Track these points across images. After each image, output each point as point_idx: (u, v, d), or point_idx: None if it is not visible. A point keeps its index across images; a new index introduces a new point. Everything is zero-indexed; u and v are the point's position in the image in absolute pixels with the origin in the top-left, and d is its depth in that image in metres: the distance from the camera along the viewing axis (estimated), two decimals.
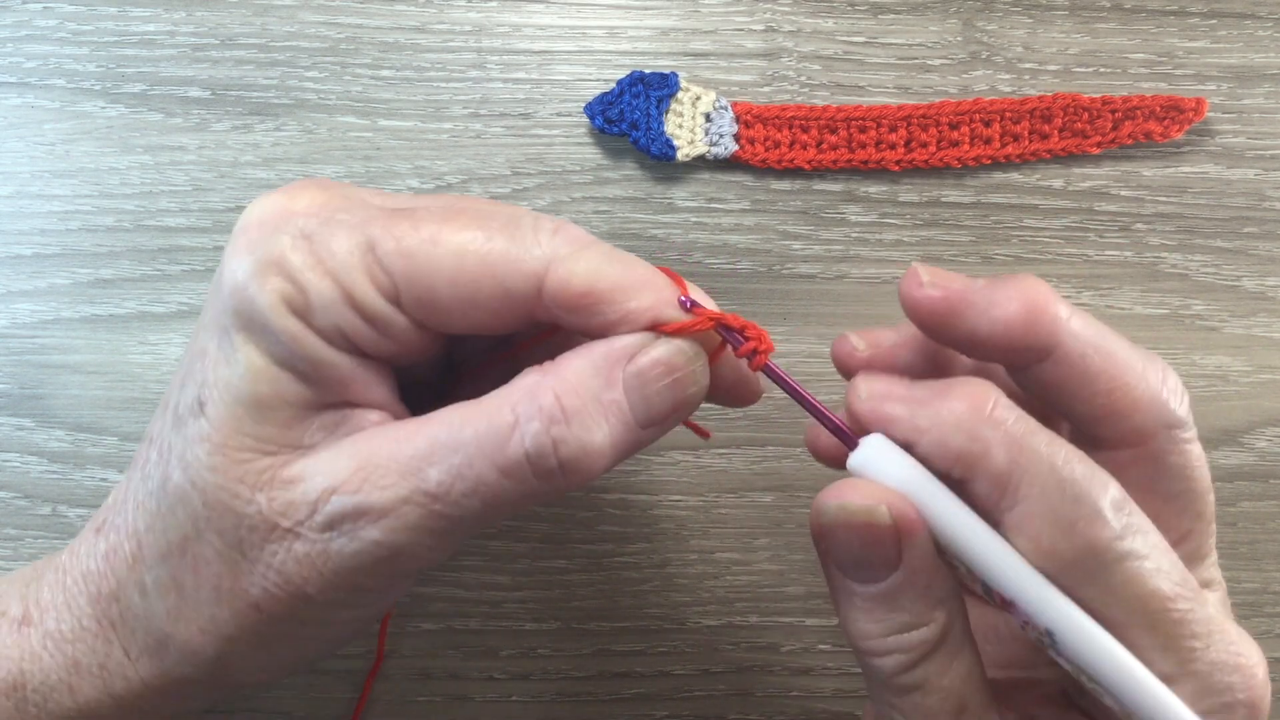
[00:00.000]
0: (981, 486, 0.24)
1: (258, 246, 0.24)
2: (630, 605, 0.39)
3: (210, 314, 0.25)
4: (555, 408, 0.24)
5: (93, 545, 0.27)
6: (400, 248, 0.24)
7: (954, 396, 0.24)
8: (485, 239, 0.24)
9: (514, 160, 0.40)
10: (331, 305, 0.24)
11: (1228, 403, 0.40)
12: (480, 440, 0.24)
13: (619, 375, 0.24)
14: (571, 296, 0.24)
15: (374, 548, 0.24)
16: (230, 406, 0.24)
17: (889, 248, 0.40)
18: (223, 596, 0.25)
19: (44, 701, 0.27)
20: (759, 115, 0.39)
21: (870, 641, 0.25)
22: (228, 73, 0.39)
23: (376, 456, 0.24)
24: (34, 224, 0.39)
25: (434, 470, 0.24)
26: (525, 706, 0.38)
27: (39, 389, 0.39)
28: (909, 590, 0.24)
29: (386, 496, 0.24)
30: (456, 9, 0.40)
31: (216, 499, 0.24)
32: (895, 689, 0.25)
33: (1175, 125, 0.40)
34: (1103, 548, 0.23)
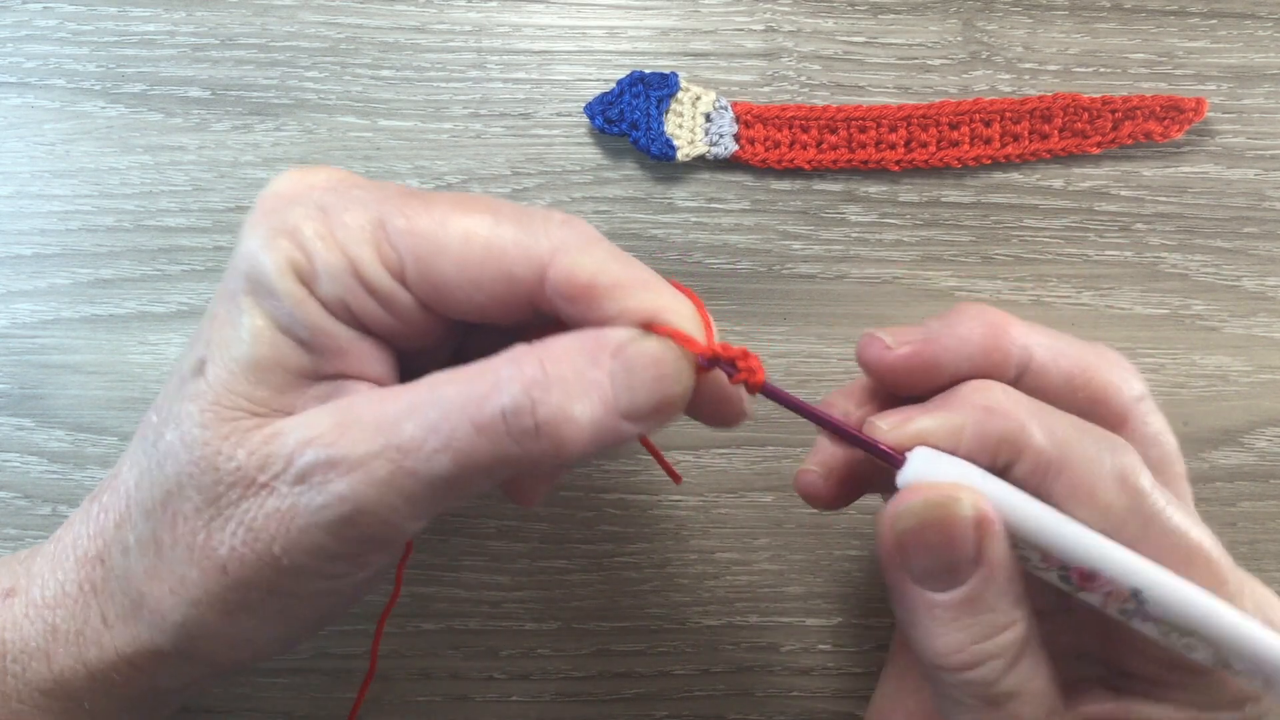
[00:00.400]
0: (1025, 466, 0.25)
1: (273, 215, 0.25)
2: (630, 605, 0.39)
3: (224, 282, 0.26)
4: (539, 372, 0.24)
5: (86, 511, 0.27)
6: (410, 226, 0.24)
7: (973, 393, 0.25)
8: (494, 224, 0.24)
9: (514, 160, 0.40)
10: (337, 275, 0.24)
11: (1228, 403, 0.40)
12: (459, 397, 0.24)
13: (606, 359, 0.24)
14: (574, 287, 0.24)
15: (338, 502, 0.24)
16: (228, 365, 0.25)
17: (889, 248, 0.40)
18: (195, 556, 0.25)
19: (23, 671, 0.27)
20: (759, 115, 0.39)
21: (959, 655, 0.24)
22: (228, 73, 0.39)
23: (356, 412, 0.24)
24: (34, 224, 0.39)
25: (409, 425, 0.23)
26: (525, 706, 0.38)
27: (39, 389, 0.39)
28: (992, 587, 0.24)
29: (359, 450, 0.23)
30: (456, 9, 0.40)
31: (201, 454, 0.24)
32: (991, 700, 0.25)
33: (1175, 125, 0.40)
34: (1147, 493, 0.24)
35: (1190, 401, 0.40)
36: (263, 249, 0.24)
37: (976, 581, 0.24)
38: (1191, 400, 0.40)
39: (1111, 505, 0.24)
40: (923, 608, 0.25)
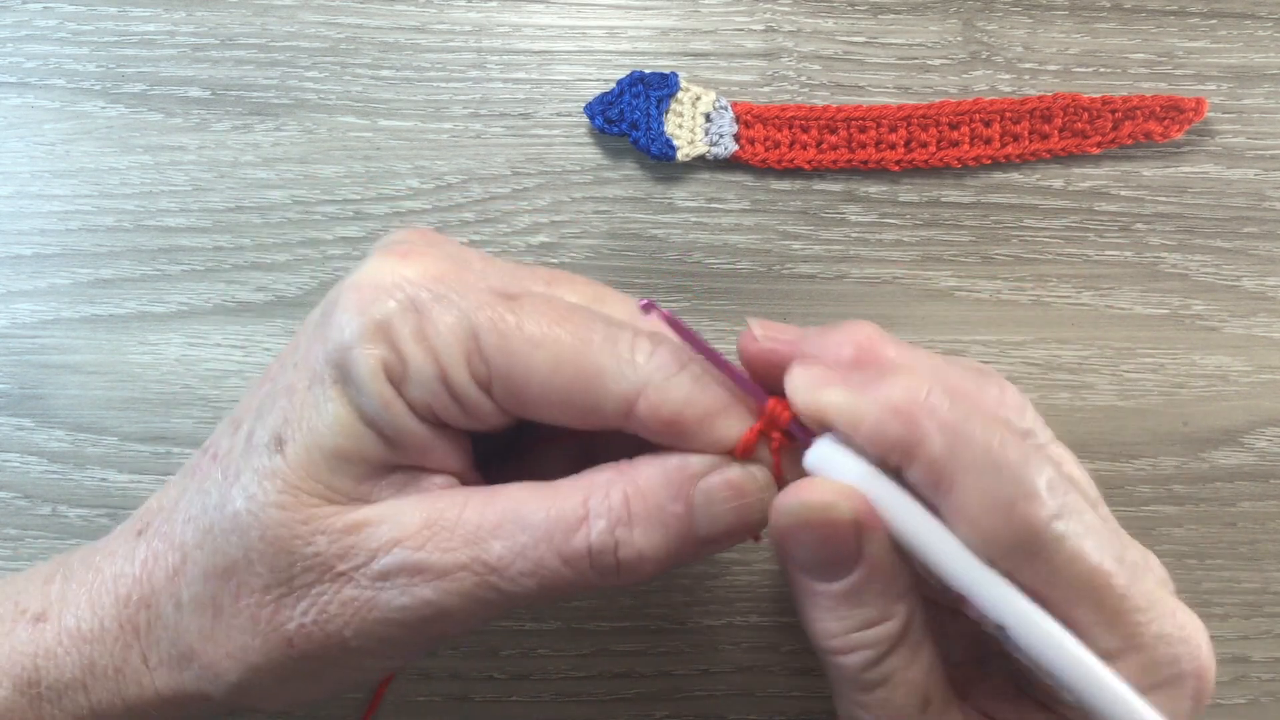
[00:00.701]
0: (918, 473, 0.24)
1: (369, 307, 0.25)
2: (630, 605, 0.39)
3: (305, 353, 0.26)
4: (624, 509, 0.25)
5: (131, 549, 0.27)
6: (502, 343, 0.24)
7: (889, 384, 0.25)
8: (583, 351, 0.25)
9: (514, 160, 0.40)
10: (427, 381, 0.24)
11: (1228, 403, 0.40)
12: (549, 525, 0.25)
13: (688, 490, 0.25)
14: (660, 423, 0.25)
15: (423, 606, 0.25)
16: (310, 451, 0.25)
17: (889, 248, 0.40)
18: (259, 627, 0.25)
19: (58, 698, 0.27)
20: (759, 115, 0.39)
21: (835, 640, 0.25)
22: (228, 73, 0.39)
23: (445, 518, 0.25)
24: (34, 224, 0.39)
25: (498, 544, 0.25)
26: (525, 706, 0.38)
27: (39, 389, 0.39)
28: (871, 585, 0.25)
29: (447, 559, 0.25)
30: (456, 9, 0.40)
31: (276, 535, 0.25)
32: (861, 685, 0.26)
33: (1175, 125, 0.40)
34: (1041, 527, 0.23)
35: (1190, 401, 0.40)
36: (356, 344, 0.24)
37: (855, 578, 0.25)
38: (1191, 400, 0.40)
39: (994, 535, 0.24)
40: (805, 592, 0.26)
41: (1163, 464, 0.40)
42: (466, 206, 0.39)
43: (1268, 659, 0.39)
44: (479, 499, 0.25)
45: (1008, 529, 0.23)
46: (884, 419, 0.24)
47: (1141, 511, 0.39)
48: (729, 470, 0.26)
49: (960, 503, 0.24)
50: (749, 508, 0.26)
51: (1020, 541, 0.23)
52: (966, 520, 0.24)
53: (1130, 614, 0.24)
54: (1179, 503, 0.39)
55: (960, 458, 0.24)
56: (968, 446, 0.24)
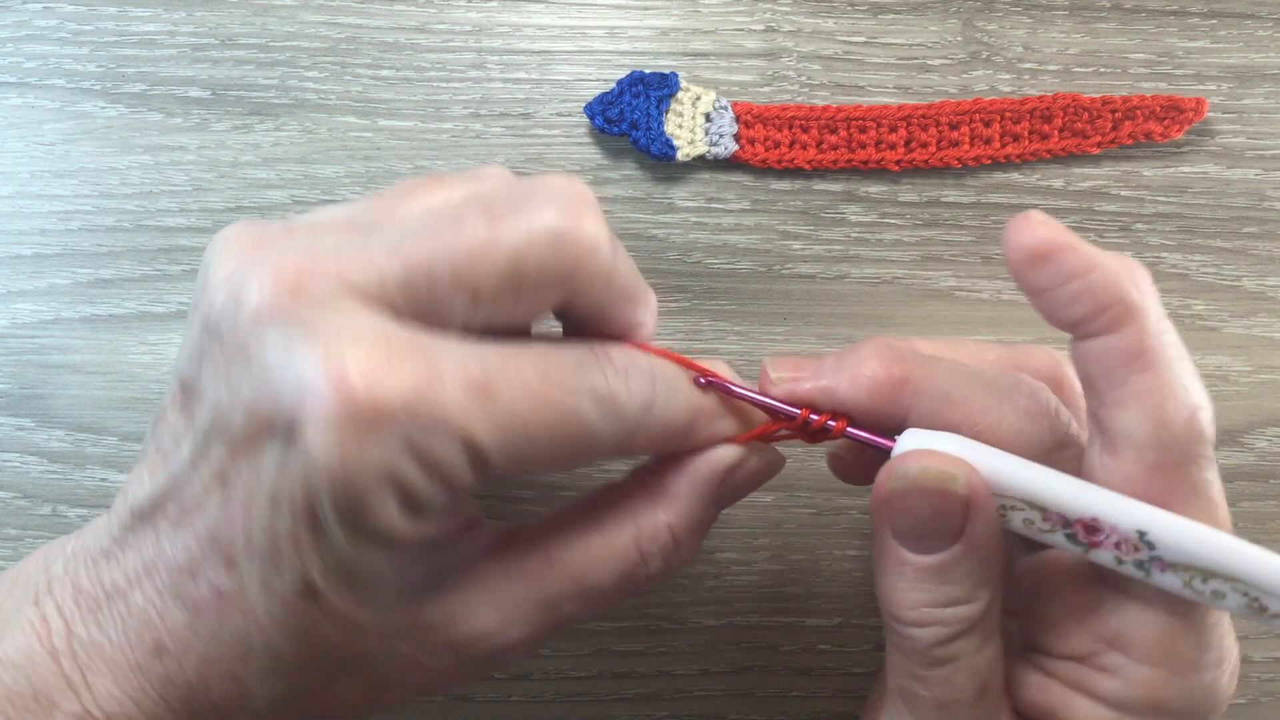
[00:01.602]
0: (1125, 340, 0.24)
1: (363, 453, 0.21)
2: (630, 605, 0.39)
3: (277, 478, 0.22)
4: (670, 540, 0.27)
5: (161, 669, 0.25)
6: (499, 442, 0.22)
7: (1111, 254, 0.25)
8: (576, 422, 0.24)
9: (514, 160, 0.40)
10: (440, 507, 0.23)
11: (1228, 403, 0.40)
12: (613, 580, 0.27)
13: (718, 493, 0.28)
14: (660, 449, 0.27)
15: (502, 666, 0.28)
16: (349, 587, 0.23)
17: (889, 248, 0.40)
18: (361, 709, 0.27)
19: None
20: (759, 115, 0.39)
21: (913, 611, 0.26)
22: (228, 73, 0.39)
23: (514, 598, 0.26)
24: (34, 224, 0.39)
25: (570, 606, 0.27)
26: (525, 706, 0.38)
27: (39, 389, 0.39)
28: (964, 564, 0.25)
29: (526, 631, 0.26)
30: (456, 9, 0.40)
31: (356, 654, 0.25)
32: (927, 661, 0.26)
33: (1175, 125, 0.40)
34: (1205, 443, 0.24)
35: None
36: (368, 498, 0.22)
37: (951, 555, 0.25)
38: None
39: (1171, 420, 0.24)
40: (893, 560, 0.26)
41: None
42: None
43: (1268, 659, 0.39)
44: (538, 567, 0.26)
45: (1187, 428, 0.24)
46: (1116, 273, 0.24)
47: None
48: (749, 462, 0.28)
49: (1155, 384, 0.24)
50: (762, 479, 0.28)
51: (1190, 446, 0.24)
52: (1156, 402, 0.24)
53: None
54: None
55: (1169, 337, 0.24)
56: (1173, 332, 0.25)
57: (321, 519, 0.22)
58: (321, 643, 0.24)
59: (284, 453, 0.22)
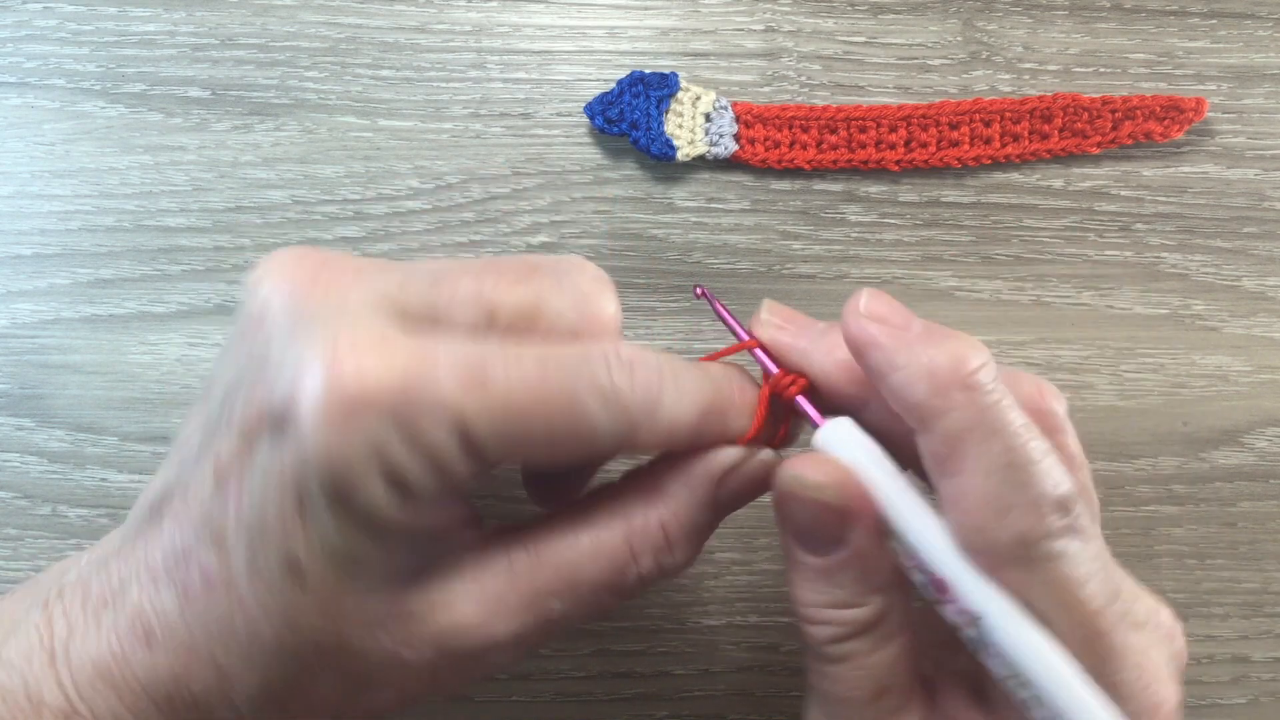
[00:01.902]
0: (930, 443, 0.24)
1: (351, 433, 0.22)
2: (630, 605, 0.39)
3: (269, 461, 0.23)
4: (663, 539, 0.27)
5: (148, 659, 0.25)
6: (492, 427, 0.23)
7: (942, 345, 0.24)
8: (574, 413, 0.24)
9: (514, 160, 0.40)
10: (430, 488, 0.23)
11: (1228, 403, 0.40)
12: (603, 576, 0.26)
13: (715, 496, 0.27)
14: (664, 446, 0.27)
15: (492, 668, 0.26)
16: (334, 570, 0.23)
17: (889, 248, 0.40)
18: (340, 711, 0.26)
19: None
20: (759, 115, 0.39)
21: (808, 609, 0.26)
22: (228, 73, 0.39)
23: (498, 591, 0.26)
24: (34, 224, 0.39)
25: (558, 602, 0.26)
26: (525, 706, 0.38)
27: (39, 389, 0.39)
28: (848, 570, 0.26)
29: (512, 628, 0.26)
30: (456, 9, 0.40)
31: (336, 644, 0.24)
32: (821, 657, 0.26)
33: (1175, 125, 0.40)
34: (1033, 543, 0.23)
35: (1190, 401, 0.40)
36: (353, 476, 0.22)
37: (837, 559, 0.25)
38: (1191, 400, 0.40)
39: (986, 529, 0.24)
40: (792, 556, 0.27)
41: (1163, 464, 0.40)
42: (466, 206, 0.39)
43: (1268, 659, 0.39)
44: (524, 561, 0.26)
45: (1002, 531, 0.23)
46: (916, 378, 0.24)
47: (1141, 511, 0.39)
48: (748, 467, 0.27)
49: (960, 489, 0.24)
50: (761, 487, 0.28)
51: (1009, 549, 0.23)
52: (963, 508, 0.24)
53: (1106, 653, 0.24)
54: (1179, 503, 0.39)
55: (975, 444, 0.23)
56: (989, 436, 0.23)
57: (310, 499, 0.22)
58: (303, 629, 0.24)
59: (279, 436, 0.22)
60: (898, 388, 0.24)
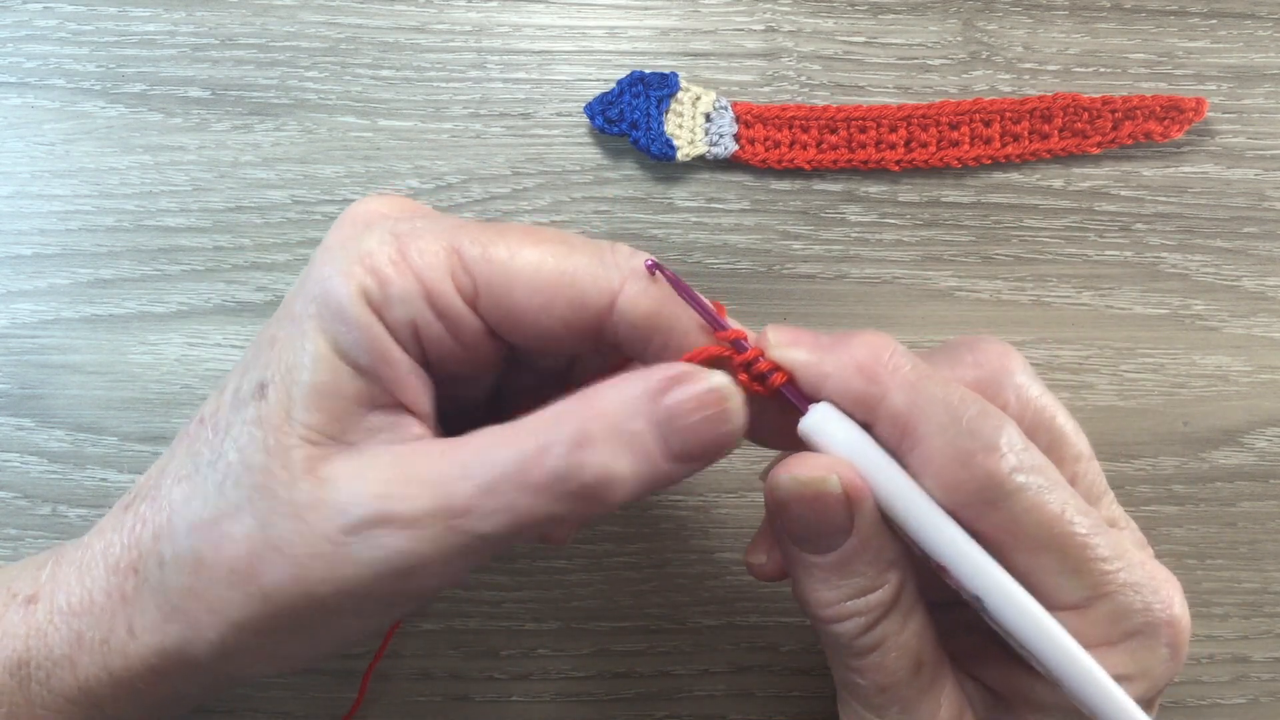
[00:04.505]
0: (883, 429, 0.25)
1: (349, 242, 0.25)
2: (630, 605, 0.39)
3: (289, 306, 0.26)
4: (581, 433, 0.24)
5: (119, 520, 0.27)
6: (485, 253, 0.25)
7: (855, 344, 0.26)
8: (567, 252, 0.25)
9: (514, 160, 0.40)
10: (411, 300, 0.25)
11: (1228, 403, 0.40)
12: (512, 460, 0.24)
13: (648, 408, 0.25)
14: (642, 317, 0.26)
15: (393, 556, 0.24)
16: (289, 389, 0.25)
17: (889, 248, 0.40)
18: (237, 579, 0.25)
19: (47, 678, 0.27)
20: (759, 115, 0.39)
21: (829, 609, 0.26)
22: (228, 73, 0.39)
23: (411, 469, 0.25)
24: (34, 224, 0.39)
25: (464, 485, 0.24)
26: (525, 706, 0.38)
27: (39, 389, 0.39)
28: (862, 554, 0.26)
29: (414, 508, 0.24)
30: (456, 9, 0.40)
31: (261, 481, 0.25)
32: (855, 651, 0.26)
33: (1175, 125, 0.40)
34: (1001, 478, 0.24)
35: (1190, 401, 0.40)
36: (338, 275, 0.25)
37: (846, 550, 0.26)
38: (1191, 400, 0.40)
39: (955, 483, 0.25)
40: (799, 564, 0.27)
41: (1163, 464, 0.40)
42: (466, 206, 0.39)
43: (1268, 659, 0.39)
44: (443, 446, 0.25)
45: (969, 478, 0.24)
46: (848, 378, 0.25)
47: (1141, 511, 0.39)
48: (692, 385, 0.25)
49: (924, 456, 0.25)
50: (714, 420, 0.25)
51: (980, 490, 0.24)
52: (931, 472, 0.25)
53: (1095, 562, 0.25)
54: (1179, 503, 0.39)
55: (921, 412, 0.25)
56: (928, 402, 0.25)
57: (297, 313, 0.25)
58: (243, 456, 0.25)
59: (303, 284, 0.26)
60: (836, 391, 0.26)
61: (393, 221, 0.26)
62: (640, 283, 0.26)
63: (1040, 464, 0.25)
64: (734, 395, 0.25)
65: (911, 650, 0.26)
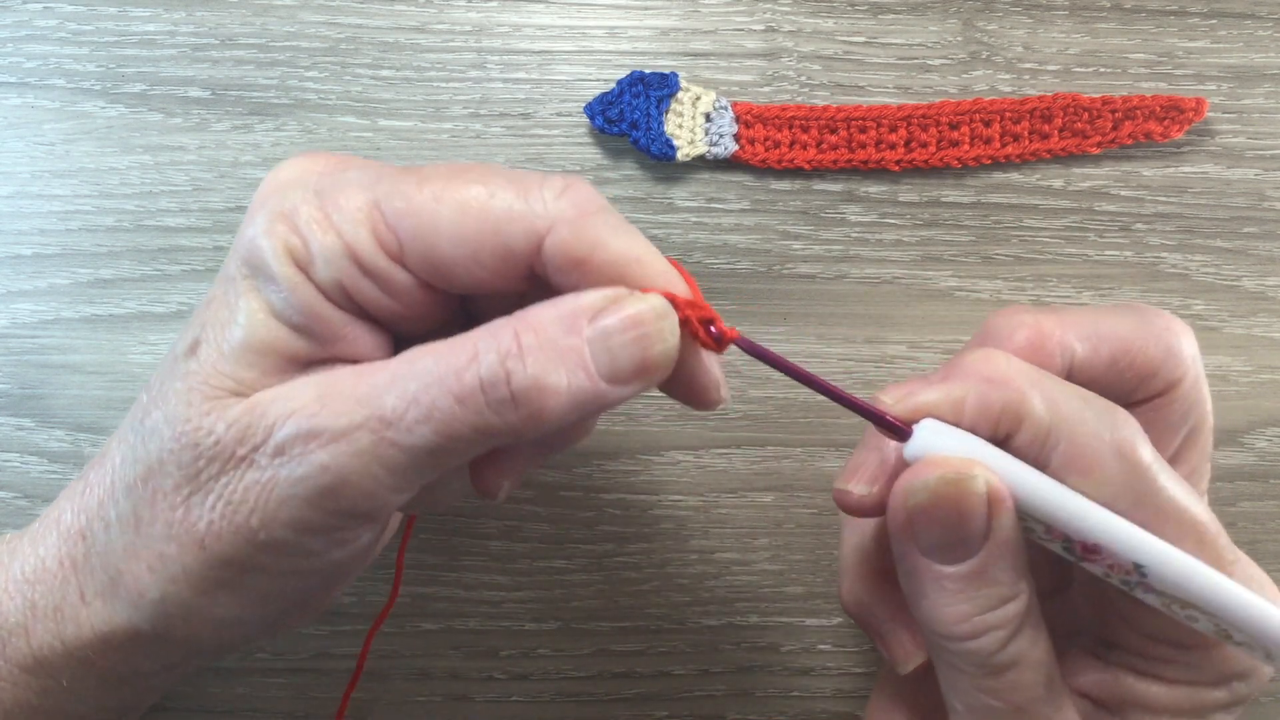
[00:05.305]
0: (1025, 436, 0.25)
1: (271, 200, 0.25)
2: (630, 605, 0.39)
3: (224, 268, 0.26)
4: (513, 343, 0.24)
5: (72, 489, 0.27)
6: (406, 206, 0.24)
7: (970, 363, 0.25)
8: (488, 195, 0.24)
9: (514, 160, 0.40)
10: (334, 258, 0.24)
11: (1228, 403, 0.40)
12: (438, 368, 0.24)
13: (582, 324, 0.24)
14: (567, 260, 0.24)
15: (319, 473, 0.24)
16: (219, 346, 0.25)
17: (889, 248, 0.40)
18: (173, 532, 0.25)
19: (3, 647, 0.27)
20: (759, 115, 0.39)
21: (964, 625, 0.25)
22: (228, 73, 0.39)
23: (337, 385, 0.24)
24: (34, 224, 0.39)
25: (390, 396, 0.24)
26: (525, 706, 0.38)
27: (39, 389, 0.39)
28: (999, 561, 0.25)
29: (341, 421, 0.24)
30: (456, 9, 0.40)
31: (182, 431, 0.25)
32: (992, 669, 0.25)
33: (1175, 125, 0.40)
34: (1145, 467, 0.24)
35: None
36: (261, 234, 0.25)
37: (984, 555, 0.25)
38: None
39: (1108, 477, 0.24)
40: (930, 579, 0.25)
41: None
42: None
43: None
44: (373, 365, 0.25)
45: (1120, 470, 0.24)
46: (984, 390, 0.25)
47: None
48: (626, 305, 0.24)
49: (1071, 453, 0.24)
50: (648, 339, 0.24)
51: (1131, 480, 0.24)
52: (1079, 468, 0.24)
53: (1224, 554, 0.25)
54: None
55: (1061, 409, 0.25)
56: (1065, 400, 0.25)
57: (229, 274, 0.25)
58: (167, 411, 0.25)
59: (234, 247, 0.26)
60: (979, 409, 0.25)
61: (316, 177, 0.26)
62: (569, 227, 0.24)
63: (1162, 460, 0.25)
64: (668, 315, 0.25)
65: (1045, 665, 0.25)
